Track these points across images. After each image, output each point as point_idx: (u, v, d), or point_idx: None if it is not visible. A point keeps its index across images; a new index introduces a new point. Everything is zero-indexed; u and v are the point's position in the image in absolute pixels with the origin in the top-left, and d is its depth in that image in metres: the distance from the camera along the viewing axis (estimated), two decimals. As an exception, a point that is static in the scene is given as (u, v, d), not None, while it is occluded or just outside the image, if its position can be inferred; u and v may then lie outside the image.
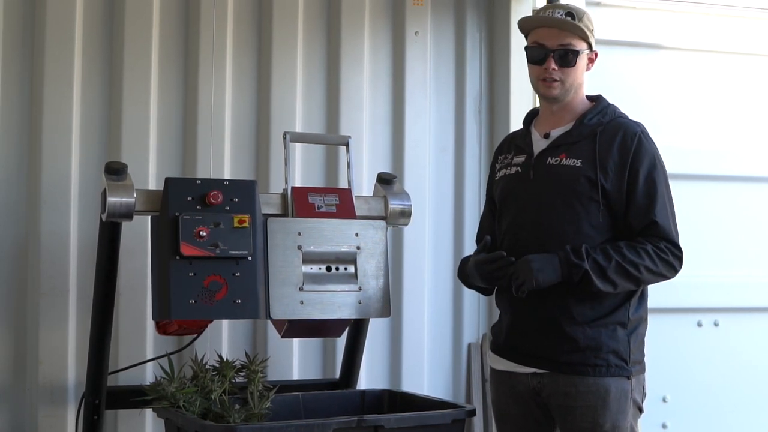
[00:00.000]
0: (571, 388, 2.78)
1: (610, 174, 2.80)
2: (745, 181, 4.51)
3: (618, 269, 2.73)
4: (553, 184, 2.85)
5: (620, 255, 2.74)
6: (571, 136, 2.87)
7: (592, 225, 2.80)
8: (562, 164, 2.84)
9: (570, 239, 2.78)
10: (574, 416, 2.79)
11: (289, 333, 3.20)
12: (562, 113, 2.92)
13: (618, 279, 2.74)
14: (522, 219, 2.90)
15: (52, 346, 3.51)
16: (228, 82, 3.79)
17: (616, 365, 2.78)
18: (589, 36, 2.87)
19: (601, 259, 2.72)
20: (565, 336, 2.78)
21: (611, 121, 2.88)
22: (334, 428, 2.82)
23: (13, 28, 3.55)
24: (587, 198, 2.80)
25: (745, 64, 4.55)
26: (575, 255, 2.72)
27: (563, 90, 2.87)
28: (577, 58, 2.85)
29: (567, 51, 2.84)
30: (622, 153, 2.81)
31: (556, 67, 2.84)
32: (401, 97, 4.05)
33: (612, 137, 2.83)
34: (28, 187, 3.54)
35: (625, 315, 2.81)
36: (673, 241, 2.80)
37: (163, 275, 2.91)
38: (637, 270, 2.74)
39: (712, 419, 4.37)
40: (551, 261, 2.73)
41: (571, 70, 2.85)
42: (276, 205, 3.15)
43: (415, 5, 4.08)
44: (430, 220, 4.06)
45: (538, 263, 2.72)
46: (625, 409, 2.79)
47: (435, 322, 4.06)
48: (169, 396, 2.96)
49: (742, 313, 4.46)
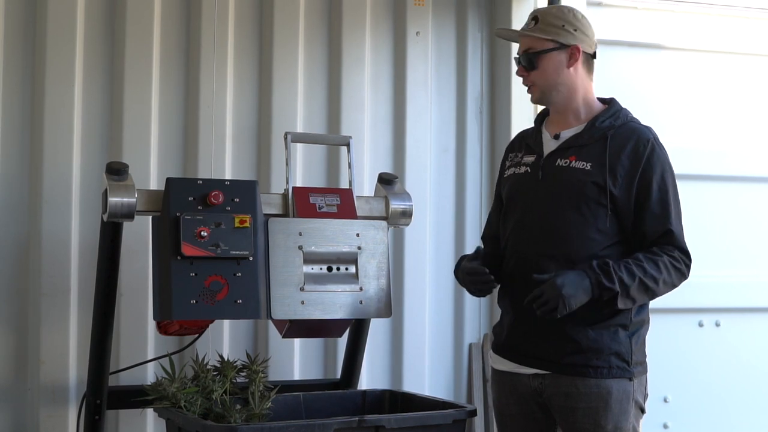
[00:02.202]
0: (572, 390, 2.78)
1: (619, 179, 2.78)
2: (747, 181, 4.51)
3: (640, 287, 2.72)
4: (561, 186, 2.83)
5: (642, 271, 2.72)
6: (581, 138, 2.86)
7: (599, 229, 2.78)
8: (571, 166, 2.83)
9: (575, 242, 2.78)
10: (576, 417, 2.79)
11: (290, 333, 3.20)
12: (568, 114, 2.91)
13: (638, 295, 2.73)
14: (528, 219, 2.89)
15: (54, 346, 3.51)
16: (229, 82, 3.79)
17: (618, 367, 2.77)
18: (558, 34, 2.85)
19: (626, 278, 2.70)
20: (567, 338, 2.78)
21: (623, 125, 2.86)
22: (335, 428, 2.83)
23: (14, 28, 3.55)
24: (595, 202, 2.78)
25: (746, 65, 4.55)
26: (606, 277, 2.68)
27: (541, 93, 2.89)
28: (538, 59, 2.85)
29: (529, 55, 2.87)
30: (634, 160, 2.79)
31: (526, 73, 2.88)
32: (402, 97, 4.05)
33: (623, 142, 2.81)
34: (30, 187, 3.54)
35: (627, 317, 2.80)
36: (685, 250, 2.80)
37: (165, 275, 2.91)
38: (656, 284, 2.74)
39: (714, 419, 4.37)
40: (582, 284, 2.68)
41: (536, 72, 2.86)
42: (277, 206, 3.15)
43: (417, 5, 4.08)
44: (431, 220, 4.06)
45: (570, 288, 2.66)
46: (627, 410, 2.79)
47: (436, 323, 4.06)
48: (170, 396, 2.97)
49: (743, 313, 4.46)
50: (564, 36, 2.85)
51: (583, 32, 2.88)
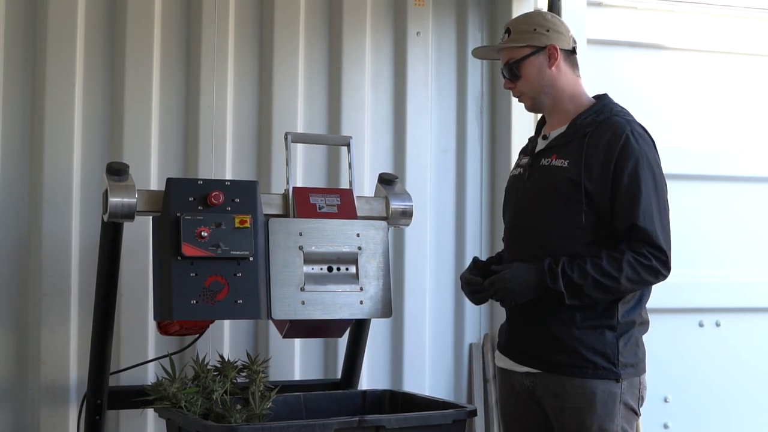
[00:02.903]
0: (560, 389, 2.78)
1: (594, 174, 2.75)
2: (747, 181, 4.51)
3: (595, 285, 2.69)
4: (542, 185, 2.85)
5: (598, 270, 2.69)
6: (565, 136, 2.86)
7: (577, 226, 2.77)
8: (552, 165, 2.83)
9: (554, 241, 2.78)
10: (564, 417, 2.79)
11: (291, 333, 3.20)
12: (559, 114, 2.91)
13: (596, 293, 2.71)
14: (518, 220, 2.94)
15: (54, 347, 3.51)
16: (229, 82, 3.79)
17: (603, 367, 2.75)
18: (531, 38, 2.86)
19: (577, 277, 2.69)
20: (553, 337, 2.79)
21: (605, 120, 2.83)
22: (335, 428, 2.82)
23: (15, 28, 3.55)
24: (571, 199, 2.77)
25: (746, 65, 4.55)
26: (551, 278, 2.70)
27: (531, 100, 2.92)
28: (519, 67, 2.88)
29: (509, 66, 2.90)
30: (608, 152, 2.75)
31: (512, 85, 2.91)
32: (403, 97, 4.05)
33: (600, 137, 2.79)
34: (30, 187, 3.54)
35: (614, 318, 2.77)
36: (656, 245, 2.72)
37: (165, 275, 2.91)
38: (616, 282, 2.69)
39: (714, 419, 4.37)
40: (526, 281, 2.73)
41: (521, 81, 2.89)
42: (277, 206, 3.15)
43: (417, 5, 4.08)
44: (431, 220, 4.06)
45: (514, 283, 2.74)
46: (613, 411, 2.75)
47: (436, 323, 4.06)
48: (170, 396, 2.97)
49: (743, 313, 4.46)
50: (538, 38, 2.87)
51: (556, 31, 2.89)
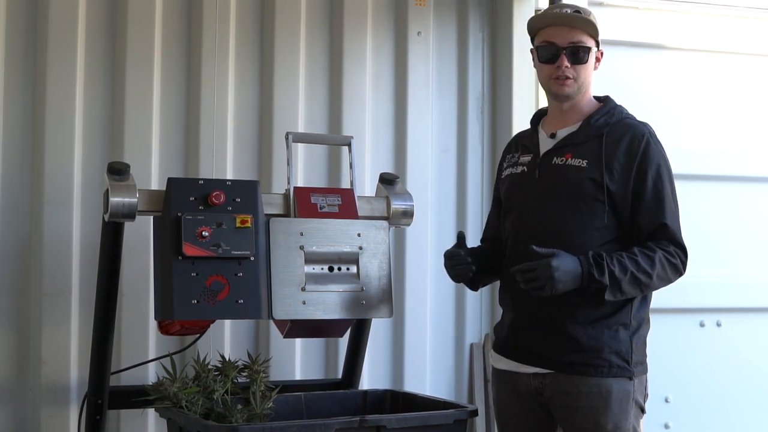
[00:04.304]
0: (572, 389, 2.78)
1: (615, 175, 2.79)
2: (748, 181, 4.50)
3: (632, 281, 2.71)
4: (558, 184, 2.84)
5: (635, 266, 2.72)
6: (577, 136, 2.86)
7: (597, 226, 2.79)
8: (568, 164, 2.83)
9: (573, 239, 2.78)
10: (576, 417, 2.79)
11: (292, 333, 3.20)
12: (570, 113, 2.91)
13: (630, 289, 2.73)
14: (526, 218, 2.90)
15: (55, 346, 3.51)
16: (231, 82, 3.79)
17: (618, 366, 2.77)
18: (598, 34, 2.87)
19: (618, 272, 2.70)
20: (567, 336, 2.78)
21: (618, 122, 2.86)
22: (336, 428, 2.82)
23: (16, 28, 3.55)
24: (592, 199, 2.79)
25: (747, 65, 4.55)
26: (598, 270, 2.69)
27: (576, 87, 2.86)
28: (588, 54, 2.85)
29: (578, 48, 2.84)
30: (629, 155, 2.80)
31: (569, 65, 2.83)
32: (404, 97, 4.05)
33: (619, 138, 2.82)
34: (31, 186, 3.55)
35: (628, 316, 2.80)
36: (681, 244, 2.80)
37: (166, 275, 2.91)
38: (650, 279, 2.73)
39: (715, 419, 4.37)
40: (574, 271, 2.68)
41: (583, 67, 2.85)
42: (278, 206, 3.15)
43: (418, 5, 4.08)
44: (432, 220, 4.06)
45: (562, 274, 2.66)
46: (627, 409, 2.78)
47: (437, 323, 4.06)
48: (171, 396, 2.97)
49: (744, 313, 4.46)
50: (599, 37, 2.89)
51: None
